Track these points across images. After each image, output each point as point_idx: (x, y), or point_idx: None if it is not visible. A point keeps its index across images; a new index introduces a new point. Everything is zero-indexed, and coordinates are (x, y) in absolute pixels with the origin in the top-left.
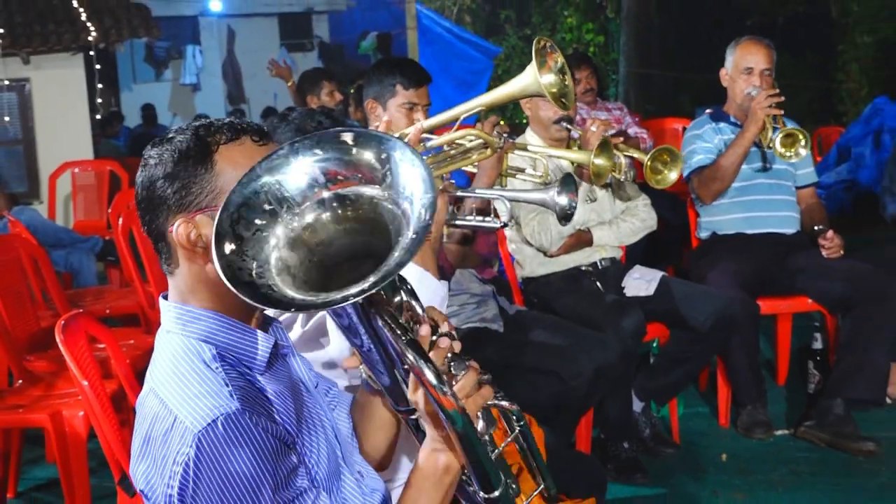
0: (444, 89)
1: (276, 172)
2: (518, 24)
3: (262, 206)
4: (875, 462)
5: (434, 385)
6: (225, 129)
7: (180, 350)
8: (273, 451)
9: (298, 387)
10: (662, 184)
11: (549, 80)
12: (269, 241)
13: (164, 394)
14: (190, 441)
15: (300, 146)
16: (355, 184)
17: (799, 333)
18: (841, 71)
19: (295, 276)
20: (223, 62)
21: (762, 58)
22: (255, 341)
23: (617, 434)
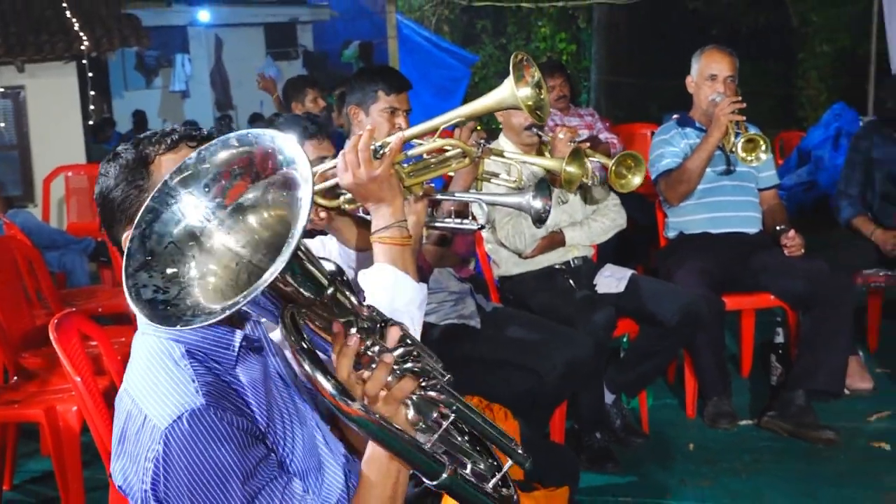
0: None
1: (187, 184)
2: (494, 34)
3: (174, 219)
4: (834, 450)
5: (333, 395)
6: (163, 139)
7: (152, 350)
8: (239, 443)
9: (274, 380)
10: (626, 188)
11: (526, 94)
12: (183, 253)
13: (135, 393)
14: (158, 438)
15: (206, 153)
16: (264, 185)
17: (762, 328)
18: (801, 78)
19: (215, 284)
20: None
21: (725, 65)
22: (222, 337)
23: (589, 425)
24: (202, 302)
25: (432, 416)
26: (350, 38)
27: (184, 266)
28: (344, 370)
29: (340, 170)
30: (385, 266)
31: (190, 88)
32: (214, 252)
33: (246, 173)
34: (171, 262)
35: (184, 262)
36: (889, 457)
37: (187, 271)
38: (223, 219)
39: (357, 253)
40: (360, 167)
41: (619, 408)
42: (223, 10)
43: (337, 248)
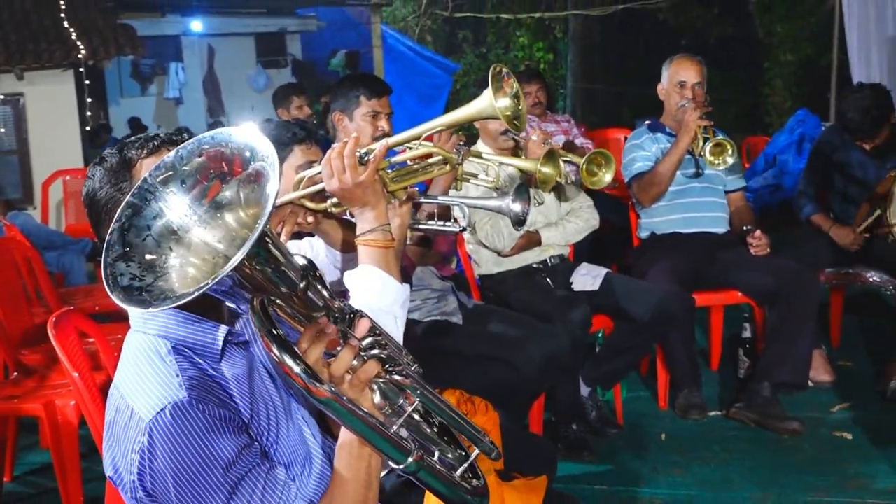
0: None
1: (166, 182)
2: (475, 44)
3: (152, 214)
4: (799, 440)
5: (301, 377)
6: (147, 143)
7: (141, 346)
8: (221, 433)
9: (260, 374)
10: (598, 185)
11: (504, 104)
12: (160, 245)
13: (124, 388)
14: (143, 430)
15: (183, 152)
16: (237, 183)
17: (730, 323)
18: (767, 86)
19: (192, 275)
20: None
21: (693, 73)
22: (207, 333)
23: (566, 417)
24: (176, 288)
25: (398, 403)
26: (337, 48)
27: (161, 257)
28: (313, 355)
29: (326, 175)
30: (370, 268)
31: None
32: (191, 246)
33: (221, 170)
34: (148, 253)
35: (161, 253)
36: (851, 445)
37: (164, 262)
38: (201, 215)
39: (343, 254)
40: (345, 173)
41: (595, 400)
42: (215, 21)
43: (324, 249)
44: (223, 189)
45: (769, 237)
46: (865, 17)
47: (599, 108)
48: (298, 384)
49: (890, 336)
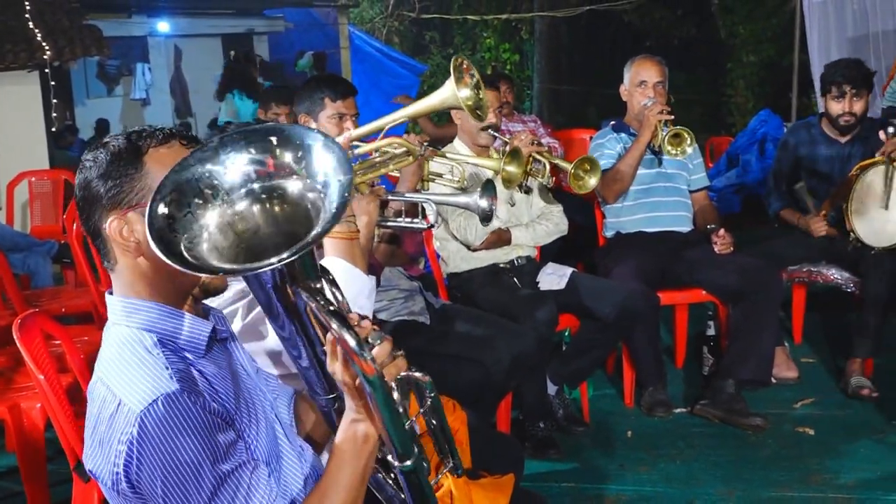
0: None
1: (208, 162)
2: (442, 45)
3: (194, 191)
4: (762, 436)
5: (355, 350)
6: (155, 133)
7: (124, 339)
8: (211, 427)
9: (238, 370)
10: (584, 189)
11: (466, 94)
12: (199, 223)
13: (109, 380)
14: (133, 421)
15: (229, 139)
16: (279, 177)
17: (694, 322)
18: (729, 87)
19: (222, 255)
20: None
21: (654, 72)
22: (193, 327)
23: (533, 415)
24: (214, 263)
25: (405, 405)
26: (304, 49)
27: (203, 211)
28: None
29: None
30: (335, 259)
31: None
32: (236, 209)
33: (294, 166)
34: (188, 228)
35: (197, 230)
36: (813, 441)
37: (203, 216)
38: (257, 191)
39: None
40: None
41: (562, 398)
42: (182, 21)
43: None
44: (289, 179)
45: (733, 236)
46: (826, 18)
47: (566, 108)
48: (353, 359)
49: (851, 333)
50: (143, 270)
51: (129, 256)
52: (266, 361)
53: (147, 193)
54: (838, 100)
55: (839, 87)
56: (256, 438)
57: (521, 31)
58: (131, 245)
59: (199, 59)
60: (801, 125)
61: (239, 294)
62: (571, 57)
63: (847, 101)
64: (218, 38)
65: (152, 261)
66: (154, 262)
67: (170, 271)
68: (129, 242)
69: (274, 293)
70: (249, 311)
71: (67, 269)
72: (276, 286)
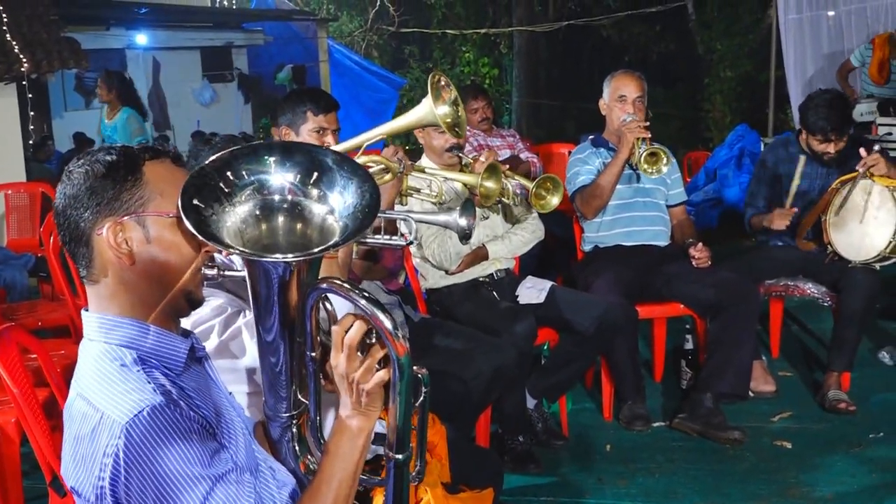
0: (354, 117)
1: (253, 162)
2: (421, 59)
3: (241, 175)
4: (741, 449)
5: (390, 330)
6: (148, 148)
7: (102, 356)
8: (198, 437)
9: (213, 389)
10: (546, 208)
11: (444, 112)
12: (233, 204)
13: (90, 395)
14: (118, 433)
15: (275, 148)
16: (310, 197)
17: (672, 335)
18: (707, 101)
19: (238, 239)
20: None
21: (634, 87)
22: (173, 344)
23: (512, 429)
24: (224, 230)
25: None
26: (283, 62)
27: (232, 197)
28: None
29: None
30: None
31: None
32: (264, 206)
33: (329, 189)
34: (218, 205)
35: (235, 195)
36: (791, 454)
37: (240, 199)
38: (289, 198)
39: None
40: None
41: (541, 412)
42: (160, 34)
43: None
44: (319, 198)
45: (710, 250)
46: (801, 35)
47: (544, 122)
48: (388, 339)
49: (827, 346)
50: (131, 281)
51: (117, 265)
52: (237, 378)
53: (146, 202)
54: (822, 143)
55: (825, 135)
56: (237, 451)
57: (500, 45)
58: (124, 252)
59: (177, 71)
60: (779, 143)
61: (216, 310)
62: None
63: (832, 144)
64: (196, 52)
65: (144, 266)
66: (146, 267)
67: (160, 279)
68: (122, 249)
69: (278, 288)
70: (226, 328)
71: (44, 283)
72: (282, 282)
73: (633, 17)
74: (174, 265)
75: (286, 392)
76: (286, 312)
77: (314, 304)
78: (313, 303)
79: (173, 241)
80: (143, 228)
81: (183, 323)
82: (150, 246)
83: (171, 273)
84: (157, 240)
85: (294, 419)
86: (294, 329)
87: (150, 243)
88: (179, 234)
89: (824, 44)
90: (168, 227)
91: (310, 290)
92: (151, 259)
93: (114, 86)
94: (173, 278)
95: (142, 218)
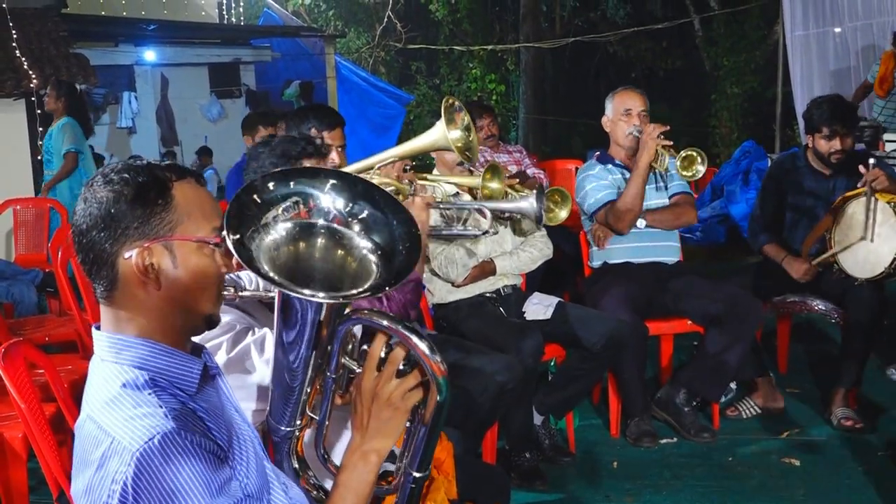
0: (361, 133)
1: (308, 185)
2: (428, 75)
3: (285, 201)
4: (748, 466)
5: (427, 354)
6: (173, 168)
7: (114, 376)
8: (208, 465)
9: (226, 406)
10: (554, 221)
11: (456, 136)
12: (273, 227)
13: (100, 418)
14: (128, 460)
15: (327, 175)
16: (352, 227)
17: (679, 351)
18: (714, 118)
19: (275, 262)
20: (157, 107)
21: (638, 101)
22: (186, 365)
23: (519, 445)
24: (259, 256)
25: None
26: (291, 78)
27: (272, 221)
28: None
29: None
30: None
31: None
32: (289, 241)
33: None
34: (262, 225)
35: (276, 219)
36: (799, 472)
37: (270, 224)
38: (335, 228)
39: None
40: None
41: (548, 428)
42: (168, 51)
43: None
44: (337, 224)
45: (717, 266)
46: (808, 51)
47: (551, 138)
48: (426, 361)
49: (835, 363)
50: (154, 305)
51: (143, 289)
52: (246, 394)
53: (176, 226)
54: (829, 139)
55: (830, 128)
56: (247, 474)
57: (507, 61)
58: (151, 277)
59: (185, 88)
60: (786, 158)
61: (225, 327)
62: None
63: (838, 139)
64: (204, 68)
65: (169, 292)
66: (171, 293)
67: (184, 304)
68: (149, 275)
69: (311, 318)
70: (235, 345)
71: (52, 298)
72: (315, 314)
73: (640, 33)
74: (198, 289)
75: (295, 406)
76: (313, 336)
77: (346, 331)
78: (344, 331)
79: (198, 265)
80: (171, 253)
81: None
82: (177, 270)
83: (195, 297)
84: (184, 264)
85: (297, 432)
86: (318, 351)
87: (178, 268)
88: (205, 258)
89: (831, 60)
90: (194, 250)
91: (344, 320)
92: (178, 284)
93: (62, 95)
94: (197, 302)
95: (170, 243)
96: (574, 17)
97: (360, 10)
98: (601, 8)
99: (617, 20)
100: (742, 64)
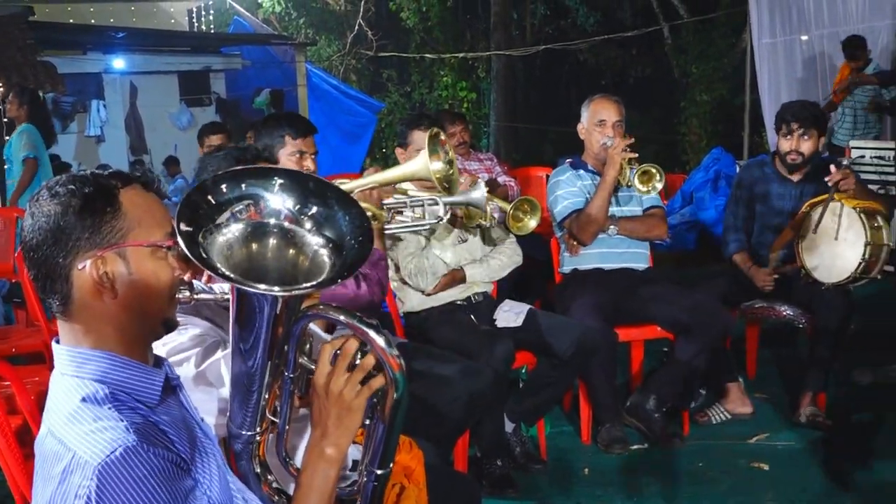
0: (332, 141)
1: (259, 185)
2: (399, 83)
3: (241, 199)
4: (718, 471)
5: (384, 348)
6: (118, 175)
7: (74, 391)
8: (171, 476)
9: (188, 418)
10: (524, 230)
11: (437, 167)
12: (228, 226)
13: (61, 433)
14: (90, 475)
15: (277, 175)
16: (304, 225)
17: (649, 357)
18: (683, 125)
19: (229, 261)
20: (126, 116)
21: (613, 112)
22: (147, 377)
23: (491, 453)
24: (213, 252)
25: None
26: (262, 86)
27: (224, 220)
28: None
29: None
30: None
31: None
32: (241, 241)
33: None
34: (214, 225)
35: (227, 218)
36: (768, 476)
37: (222, 223)
38: (285, 227)
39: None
40: None
41: (519, 436)
42: (137, 59)
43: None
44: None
45: (687, 272)
46: (775, 59)
47: (522, 146)
48: (383, 356)
49: (803, 368)
50: (111, 314)
51: (99, 299)
52: (212, 408)
53: (127, 233)
54: (787, 137)
55: (787, 126)
56: (210, 485)
57: (478, 69)
58: (106, 286)
59: (154, 96)
60: (755, 164)
61: (195, 340)
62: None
63: (794, 139)
64: (174, 76)
65: (126, 299)
66: (128, 300)
67: (141, 309)
68: (104, 284)
69: (266, 314)
70: (205, 358)
71: (19, 309)
72: (270, 309)
73: (610, 41)
74: (155, 294)
75: (255, 410)
76: (270, 335)
77: (301, 329)
78: (300, 328)
79: (153, 270)
80: (124, 260)
81: (161, 352)
82: (132, 276)
83: (151, 302)
84: (138, 270)
85: (258, 436)
86: (275, 351)
87: (132, 274)
88: (159, 262)
89: (798, 68)
90: (147, 255)
91: (300, 317)
92: (133, 290)
93: (25, 102)
94: (154, 307)
95: (123, 250)
96: (544, 26)
97: (331, 18)
98: (571, 16)
99: (587, 28)
100: (711, 71)
